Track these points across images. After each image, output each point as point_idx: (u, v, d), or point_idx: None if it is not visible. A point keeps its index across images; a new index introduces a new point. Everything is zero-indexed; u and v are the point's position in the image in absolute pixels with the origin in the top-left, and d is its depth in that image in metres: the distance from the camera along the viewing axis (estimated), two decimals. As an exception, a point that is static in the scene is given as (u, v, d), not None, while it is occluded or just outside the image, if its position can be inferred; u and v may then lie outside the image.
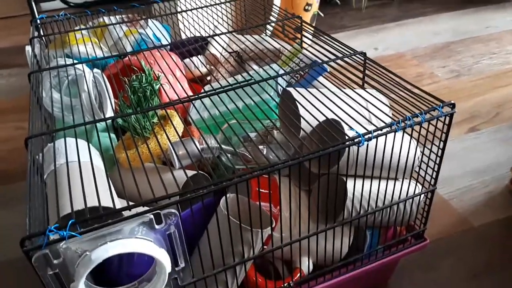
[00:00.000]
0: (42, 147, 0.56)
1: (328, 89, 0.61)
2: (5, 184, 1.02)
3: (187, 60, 0.90)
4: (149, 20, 0.89)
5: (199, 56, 0.92)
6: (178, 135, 0.60)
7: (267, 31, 1.32)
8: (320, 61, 0.72)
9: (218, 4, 0.94)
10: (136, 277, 0.46)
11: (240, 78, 0.73)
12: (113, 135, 0.72)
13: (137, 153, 0.54)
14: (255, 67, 0.92)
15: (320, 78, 0.76)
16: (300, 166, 0.46)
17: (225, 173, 0.63)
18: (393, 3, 1.92)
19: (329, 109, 0.55)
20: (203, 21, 0.90)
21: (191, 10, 0.89)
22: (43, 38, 0.86)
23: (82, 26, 0.90)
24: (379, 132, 0.49)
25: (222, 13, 0.96)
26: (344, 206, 0.55)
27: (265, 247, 0.52)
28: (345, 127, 0.51)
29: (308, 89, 0.61)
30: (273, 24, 1.26)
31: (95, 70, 0.70)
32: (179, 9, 0.97)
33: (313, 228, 0.54)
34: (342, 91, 0.61)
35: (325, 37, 0.79)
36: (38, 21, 0.89)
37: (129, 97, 0.62)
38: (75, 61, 0.73)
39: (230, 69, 0.88)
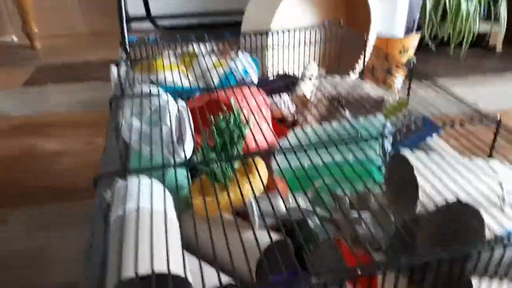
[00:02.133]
0: (112, 183, 0.50)
1: (455, 158, 0.50)
2: (70, 200, 0.99)
3: (275, 100, 0.83)
4: (239, 51, 0.83)
5: (287, 95, 0.85)
6: (264, 187, 0.51)
7: (351, 72, 1.23)
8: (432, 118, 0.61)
9: (312, 43, 0.86)
10: None
11: (335, 126, 0.63)
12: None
13: (216, 202, 0.47)
14: (347, 113, 0.83)
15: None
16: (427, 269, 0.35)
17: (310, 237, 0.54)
18: (494, 53, 1.76)
19: (459, 185, 0.44)
20: (292, 58, 0.83)
21: (284, 46, 0.82)
22: (130, 61, 0.83)
23: (171, 52, 0.87)
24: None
25: (314, 52, 0.89)
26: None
27: None
28: (485, 217, 0.39)
29: (429, 153, 0.50)
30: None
31: (180, 102, 0.64)
32: (269, 44, 0.91)
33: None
34: (474, 162, 0.49)
35: (442, 89, 0.68)
36: (127, 43, 0.87)
37: (213, 138, 0.54)
38: (160, 89, 0.68)
39: (320, 112, 0.79)
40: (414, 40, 1.34)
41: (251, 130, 0.56)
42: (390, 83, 1.19)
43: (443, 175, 0.47)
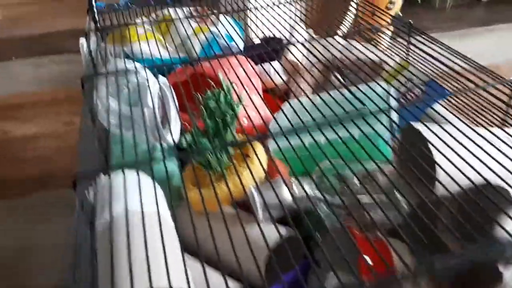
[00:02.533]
0: (94, 180, 0.44)
1: (471, 128, 0.45)
2: (48, 190, 0.92)
3: (262, 67, 0.76)
4: (220, 15, 0.76)
5: (276, 62, 0.78)
6: (265, 171, 0.46)
7: (339, 31, 1.16)
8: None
9: (294, 1, 0.79)
10: None
11: (334, 95, 0.58)
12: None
13: (214, 194, 0.41)
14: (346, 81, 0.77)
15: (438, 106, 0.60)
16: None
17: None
18: (480, 3, 1.70)
19: (483, 163, 0.39)
20: (277, 20, 0.76)
21: (267, 7, 0.75)
22: (100, 31, 0.74)
23: (145, 19, 0.78)
24: None
25: (299, 10, 0.81)
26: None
27: None
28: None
29: (442, 125, 0.45)
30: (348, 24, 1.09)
31: (161, 79, 0.58)
32: (250, 6, 0.83)
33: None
34: (494, 134, 0.44)
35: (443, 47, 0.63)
36: (96, 11, 0.78)
37: (203, 121, 0.48)
38: (137, 64, 0.61)
39: (315, 79, 0.74)
40: (401, -8, 1.27)
41: (243, 107, 0.50)
42: (379, 41, 1.13)
43: (461, 150, 0.42)
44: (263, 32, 0.84)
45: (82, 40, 0.70)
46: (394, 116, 0.57)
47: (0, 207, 0.88)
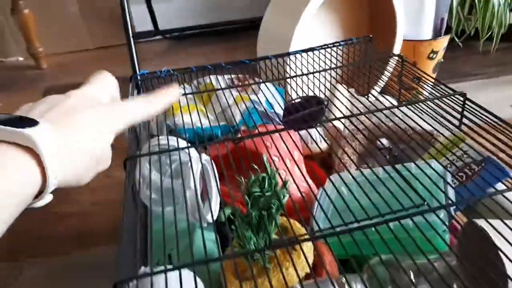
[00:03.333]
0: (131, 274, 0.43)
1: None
2: (87, 248, 0.92)
3: (303, 133, 0.75)
4: (262, 84, 0.75)
5: (317, 128, 0.76)
6: (310, 267, 0.44)
7: (376, 86, 1.14)
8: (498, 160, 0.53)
9: (339, 67, 0.77)
10: None
11: (382, 176, 0.55)
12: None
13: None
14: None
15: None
16: None
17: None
18: (525, 46, 1.64)
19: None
20: (319, 81, 0.75)
21: (308, 74, 0.74)
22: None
23: (187, 86, 0.79)
24: None
25: (339, 75, 0.80)
26: None
27: None
28: None
29: (507, 221, 0.42)
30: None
31: (204, 157, 0.57)
32: (290, 71, 0.82)
33: None
34: None
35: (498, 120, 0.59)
36: (139, 77, 0.80)
37: (247, 211, 0.47)
38: (180, 142, 0.61)
39: (357, 149, 0.71)
40: (444, 42, 1.24)
41: (289, 195, 0.48)
42: (419, 95, 1.09)
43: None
44: (304, 92, 0.83)
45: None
46: (451, 194, 0.53)
47: (32, 266, 0.89)
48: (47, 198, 0.32)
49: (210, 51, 1.90)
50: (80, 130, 0.33)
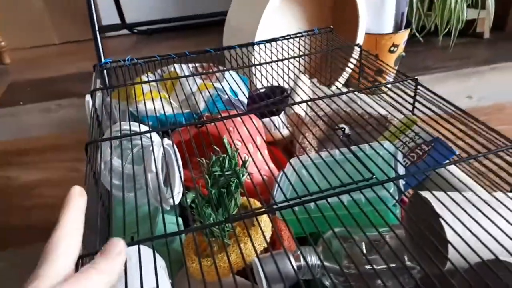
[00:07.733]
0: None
1: (478, 196, 0.44)
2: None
3: (266, 120, 0.76)
4: (226, 72, 0.76)
5: (280, 116, 0.78)
6: (267, 242, 0.45)
7: (340, 78, 1.17)
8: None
9: (301, 56, 0.79)
10: None
11: (338, 156, 0.57)
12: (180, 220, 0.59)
13: (215, 265, 0.40)
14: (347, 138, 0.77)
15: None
16: None
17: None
18: (482, 40, 1.71)
19: (492, 237, 0.38)
20: (279, 73, 0.77)
21: (272, 62, 0.75)
22: (106, 87, 0.75)
23: (150, 75, 0.79)
24: None
25: (303, 65, 0.82)
26: None
27: None
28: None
29: (449, 193, 0.45)
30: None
31: (166, 141, 0.58)
32: (254, 60, 0.84)
33: None
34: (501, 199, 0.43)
35: (449, 105, 0.63)
36: (102, 67, 0.79)
37: (206, 188, 0.48)
38: (142, 126, 0.61)
39: (317, 135, 0.73)
40: (404, 35, 1.28)
41: (249, 175, 0.49)
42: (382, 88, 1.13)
43: (471, 223, 0.41)
44: (268, 82, 0.85)
45: (88, 98, 0.71)
46: (401, 171, 0.56)
47: (2, 257, 0.87)
48: None
49: (179, 46, 1.90)
50: None
